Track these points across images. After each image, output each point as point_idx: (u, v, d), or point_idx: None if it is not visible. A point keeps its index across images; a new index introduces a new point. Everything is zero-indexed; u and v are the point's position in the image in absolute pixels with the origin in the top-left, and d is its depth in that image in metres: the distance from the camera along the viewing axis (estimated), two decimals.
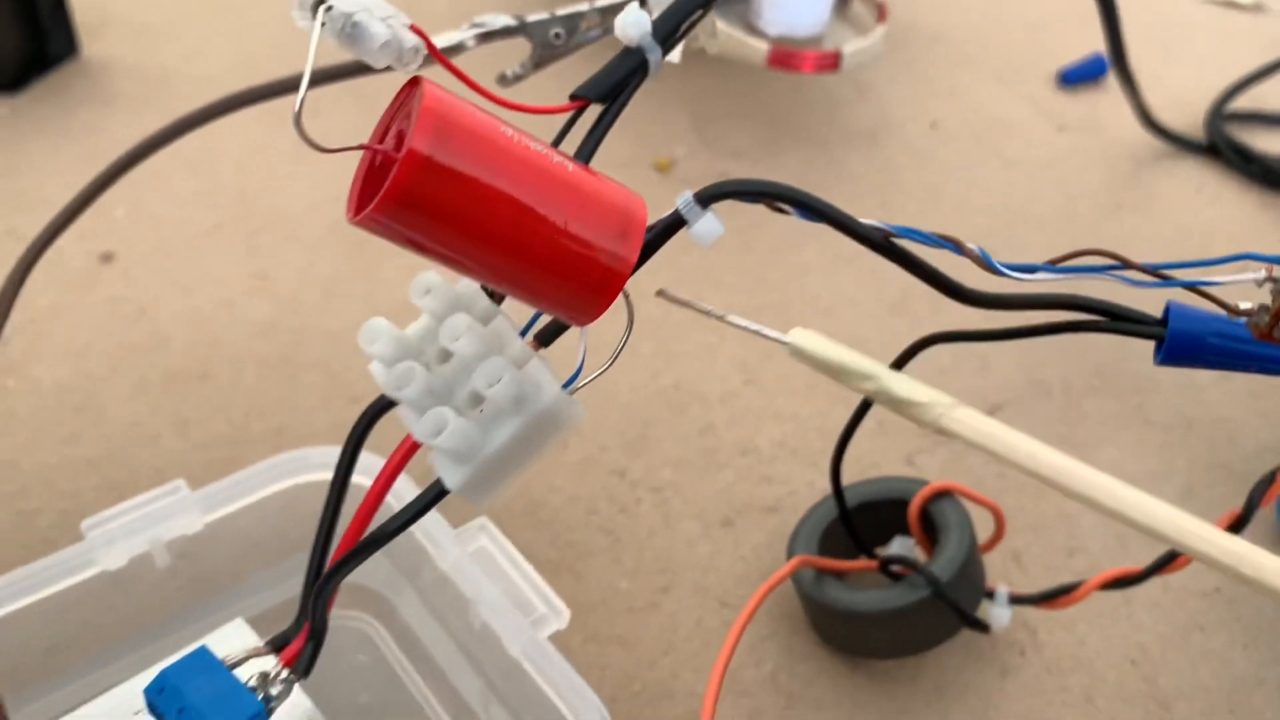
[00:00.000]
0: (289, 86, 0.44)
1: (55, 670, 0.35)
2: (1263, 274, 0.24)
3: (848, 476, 0.39)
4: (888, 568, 0.39)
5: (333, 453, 0.36)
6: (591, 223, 0.25)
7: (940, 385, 0.51)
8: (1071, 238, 0.59)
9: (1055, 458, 0.26)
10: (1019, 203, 0.62)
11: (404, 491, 0.35)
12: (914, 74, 0.72)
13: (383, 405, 0.31)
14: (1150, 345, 0.30)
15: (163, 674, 0.29)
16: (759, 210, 0.29)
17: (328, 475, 0.36)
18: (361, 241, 0.56)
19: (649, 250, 0.26)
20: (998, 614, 0.38)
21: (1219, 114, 0.66)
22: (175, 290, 0.53)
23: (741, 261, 0.56)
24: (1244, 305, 0.25)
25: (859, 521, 0.40)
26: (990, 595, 0.39)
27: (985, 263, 0.27)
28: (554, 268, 0.25)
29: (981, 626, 0.37)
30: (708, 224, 0.27)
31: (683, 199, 0.27)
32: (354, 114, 0.66)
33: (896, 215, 0.60)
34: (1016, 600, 0.39)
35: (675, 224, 0.27)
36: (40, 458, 0.45)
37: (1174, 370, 0.51)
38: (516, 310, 0.28)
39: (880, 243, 0.28)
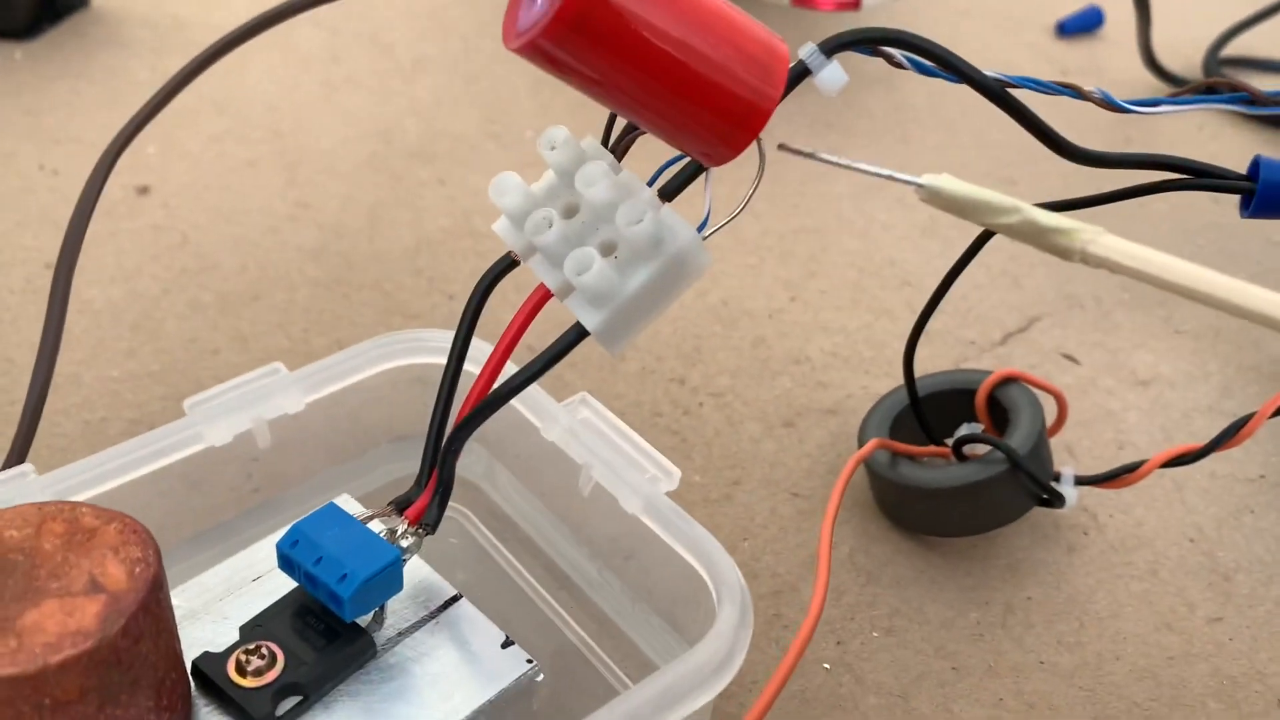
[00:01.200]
0: None
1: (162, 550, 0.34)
2: None
3: (899, 381, 0.40)
4: (960, 449, 0.40)
5: (436, 334, 0.36)
6: (741, 55, 0.26)
7: (975, 300, 0.53)
8: (1092, 171, 0.61)
9: (1210, 274, 0.27)
10: (1031, 138, 0.63)
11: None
12: (917, 23, 0.74)
13: (493, 278, 0.31)
14: None
15: (296, 527, 0.29)
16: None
17: (431, 358, 0.36)
18: (400, 173, 0.57)
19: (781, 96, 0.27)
20: (1068, 492, 0.39)
21: (1214, 58, 0.69)
22: (217, 219, 0.53)
23: (772, 190, 0.58)
24: None
25: (926, 411, 0.41)
26: (1057, 478, 0.40)
27: (1108, 101, 0.28)
28: (703, 98, 0.26)
29: (1057, 498, 0.39)
30: (832, 72, 0.28)
31: (806, 49, 0.28)
32: (376, 58, 0.66)
33: (917, 149, 0.61)
34: (1082, 481, 0.40)
35: (802, 73, 0.28)
36: (101, 371, 0.45)
37: None
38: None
39: (998, 93, 0.29)
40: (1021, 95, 0.30)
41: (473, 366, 0.31)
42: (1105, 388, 0.47)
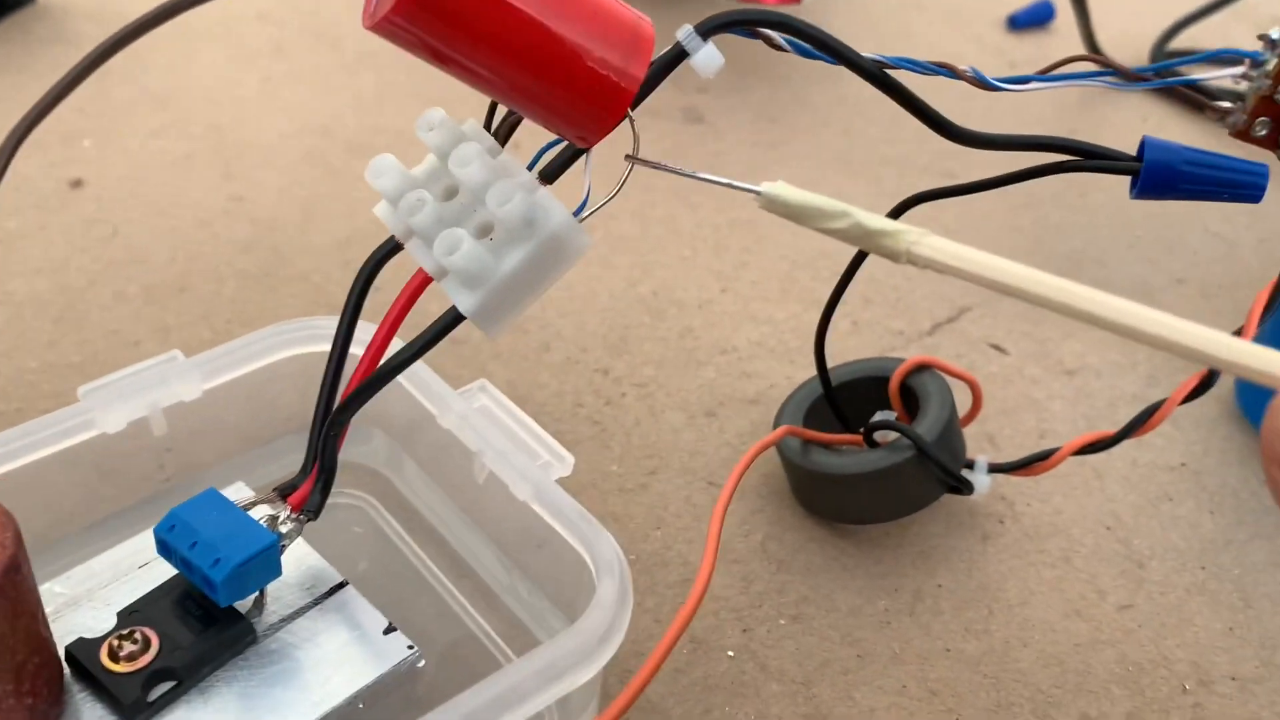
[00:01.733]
0: None
1: (52, 540, 0.34)
2: (1242, 69, 0.26)
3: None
4: (871, 435, 0.40)
5: (333, 322, 0.36)
6: (601, 35, 0.26)
7: (905, 290, 0.53)
8: (1031, 159, 0.61)
9: (1034, 273, 0.27)
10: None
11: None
12: (867, 16, 0.74)
13: (378, 260, 0.31)
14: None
15: (173, 512, 0.29)
16: (730, 137, 0.30)
17: (328, 346, 0.36)
18: (338, 167, 0.57)
19: (652, 82, 0.27)
20: (979, 479, 0.39)
21: (1161, 51, 0.69)
22: (150, 212, 0.53)
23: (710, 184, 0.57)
24: (1223, 105, 0.27)
25: (841, 400, 0.41)
26: (970, 465, 0.40)
27: (979, 80, 0.28)
28: (563, 79, 0.26)
29: (965, 486, 0.38)
30: (708, 54, 0.28)
31: (683, 31, 0.28)
32: (321, 52, 0.66)
33: (859, 141, 0.61)
34: (995, 469, 0.40)
35: (678, 56, 0.28)
36: (20, 362, 0.44)
37: (1127, 271, 0.54)
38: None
39: (876, 74, 0.29)
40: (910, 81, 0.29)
41: (360, 350, 0.31)
42: (1031, 377, 0.47)
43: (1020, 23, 0.73)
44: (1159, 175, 0.30)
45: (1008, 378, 0.47)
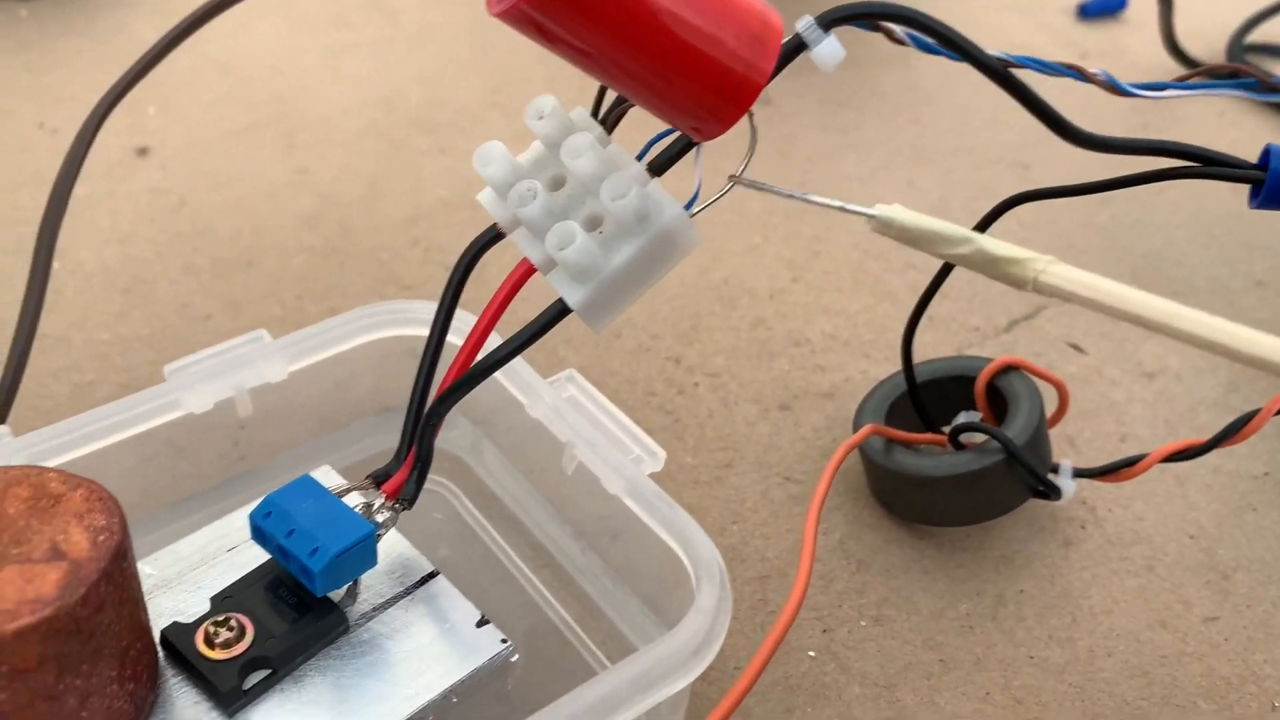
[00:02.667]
0: None
1: (133, 520, 0.34)
2: None
3: (899, 366, 0.40)
4: (957, 437, 0.39)
5: (422, 306, 0.35)
6: (732, 26, 0.25)
7: (981, 286, 0.51)
8: (1107, 157, 0.59)
9: (1159, 301, 0.26)
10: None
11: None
12: (936, 4, 0.72)
13: (479, 249, 0.31)
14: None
15: (269, 498, 0.29)
16: (799, 120, 0.29)
17: (416, 330, 0.36)
18: (401, 141, 0.56)
19: (774, 71, 0.26)
20: (1065, 485, 0.39)
21: (1239, 44, 0.68)
22: (214, 183, 0.52)
23: (779, 166, 0.57)
24: None
25: (924, 399, 0.40)
26: (1055, 470, 0.39)
27: (1112, 84, 0.27)
28: (691, 70, 0.25)
29: (1054, 492, 0.38)
30: (830, 47, 0.27)
31: (804, 23, 0.27)
32: (381, 24, 0.65)
33: (930, 130, 0.60)
34: (1080, 474, 0.39)
35: (797, 48, 0.27)
36: (91, 334, 0.44)
37: (1205, 272, 0.52)
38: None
39: (1000, 72, 0.28)
40: (1027, 78, 0.29)
41: (457, 339, 0.30)
42: (1110, 378, 0.47)
43: (1091, 11, 0.72)
44: None
45: (1086, 378, 0.46)
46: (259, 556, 0.30)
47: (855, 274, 0.51)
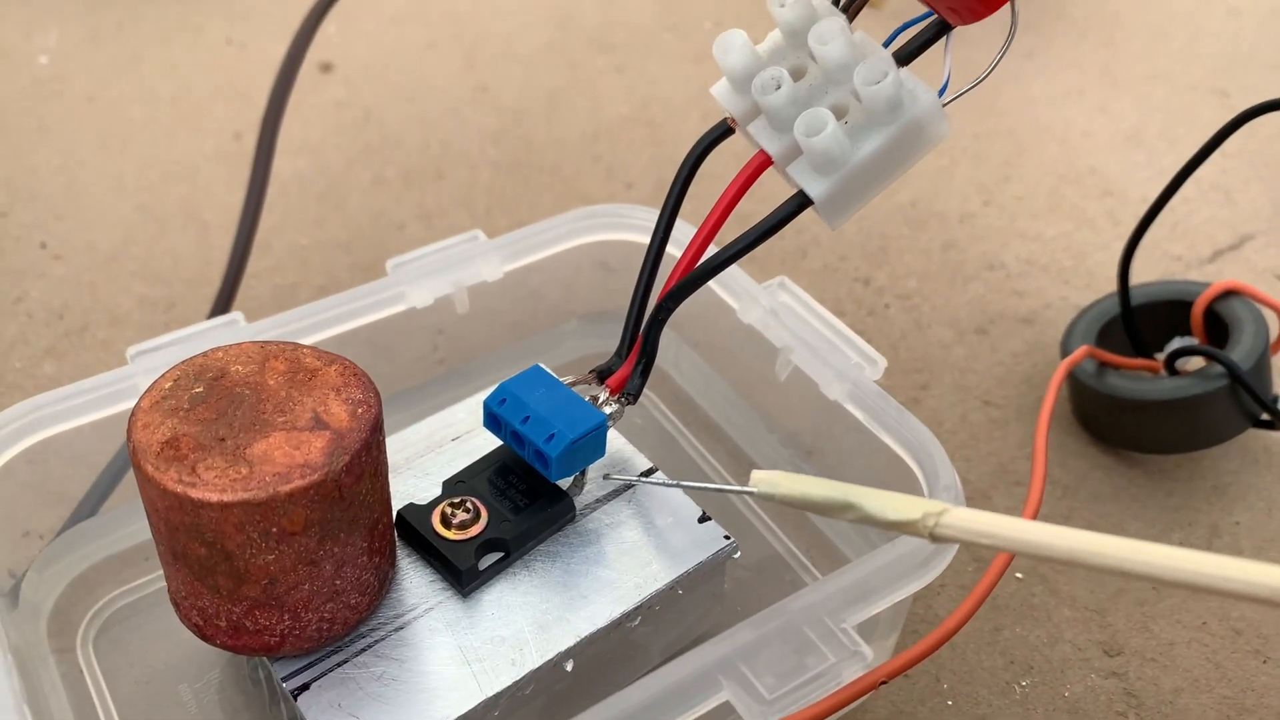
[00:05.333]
0: None
1: None
2: None
3: (1101, 293, 0.38)
4: (1173, 362, 0.37)
5: (637, 211, 0.35)
6: None
7: (1183, 214, 0.49)
8: None
9: (1069, 536, 0.22)
10: (1246, 49, 0.59)
11: None
12: None
13: (706, 146, 0.30)
14: None
15: (503, 386, 0.29)
16: (981, 45, 0.28)
17: (629, 235, 0.35)
18: (578, 60, 0.56)
19: None
20: None
21: None
22: (398, 98, 0.53)
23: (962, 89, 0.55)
24: None
25: (1136, 322, 0.39)
26: (1276, 400, 0.38)
27: None
28: None
29: (1278, 419, 0.36)
30: None
31: None
32: None
33: (1122, 55, 0.58)
34: None
35: None
36: (291, 239, 0.45)
37: None
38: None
39: None
40: None
41: (674, 248, 0.30)
42: None
43: None
44: None
45: None
46: (483, 446, 0.30)
47: (1050, 199, 0.49)
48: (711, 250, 0.28)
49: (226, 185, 0.47)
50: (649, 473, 0.31)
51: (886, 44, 0.28)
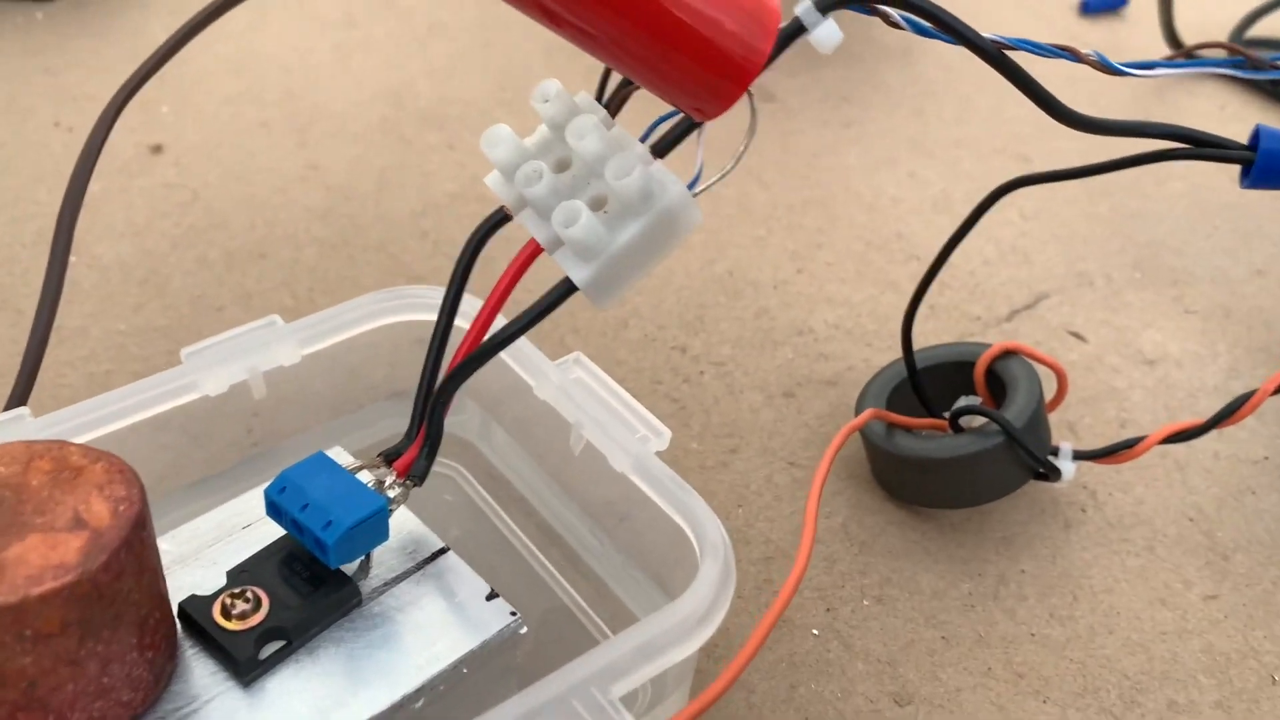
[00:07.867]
0: None
1: (152, 502, 0.35)
2: None
3: (899, 353, 0.40)
4: (957, 420, 0.40)
5: (431, 291, 0.36)
6: (731, 7, 0.26)
7: (983, 276, 0.52)
8: (1105, 145, 0.60)
9: None
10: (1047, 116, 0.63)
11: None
12: None
13: (486, 231, 0.31)
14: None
15: (284, 474, 0.29)
16: (803, 117, 0.29)
17: (426, 315, 0.36)
18: (410, 137, 0.57)
19: (771, 55, 0.27)
20: (1065, 466, 0.39)
21: (1240, 39, 0.68)
22: (228, 178, 0.53)
23: (783, 160, 0.57)
24: None
25: (925, 384, 0.41)
26: (1055, 453, 0.40)
27: (1103, 64, 0.28)
28: (691, 50, 0.26)
29: (1053, 473, 0.38)
30: (828, 30, 0.28)
31: (802, 6, 0.27)
32: (391, 22, 0.66)
33: (933, 123, 0.61)
34: (1080, 456, 0.40)
35: (796, 30, 0.28)
36: (108, 325, 0.45)
37: (1208, 262, 0.53)
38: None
39: (994, 55, 0.28)
40: (1022, 61, 0.29)
41: (465, 322, 0.31)
42: (1111, 365, 0.47)
43: (1092, 8, 0.73)
44: (1274, 164, 0.30)
45: (1088, 366, 0.47)
46: (273, 533, 0.30)
47: (858, 265, 0.51)
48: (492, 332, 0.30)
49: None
50: (441, 552, 0.31)
51: (644, 138, 0.29)
